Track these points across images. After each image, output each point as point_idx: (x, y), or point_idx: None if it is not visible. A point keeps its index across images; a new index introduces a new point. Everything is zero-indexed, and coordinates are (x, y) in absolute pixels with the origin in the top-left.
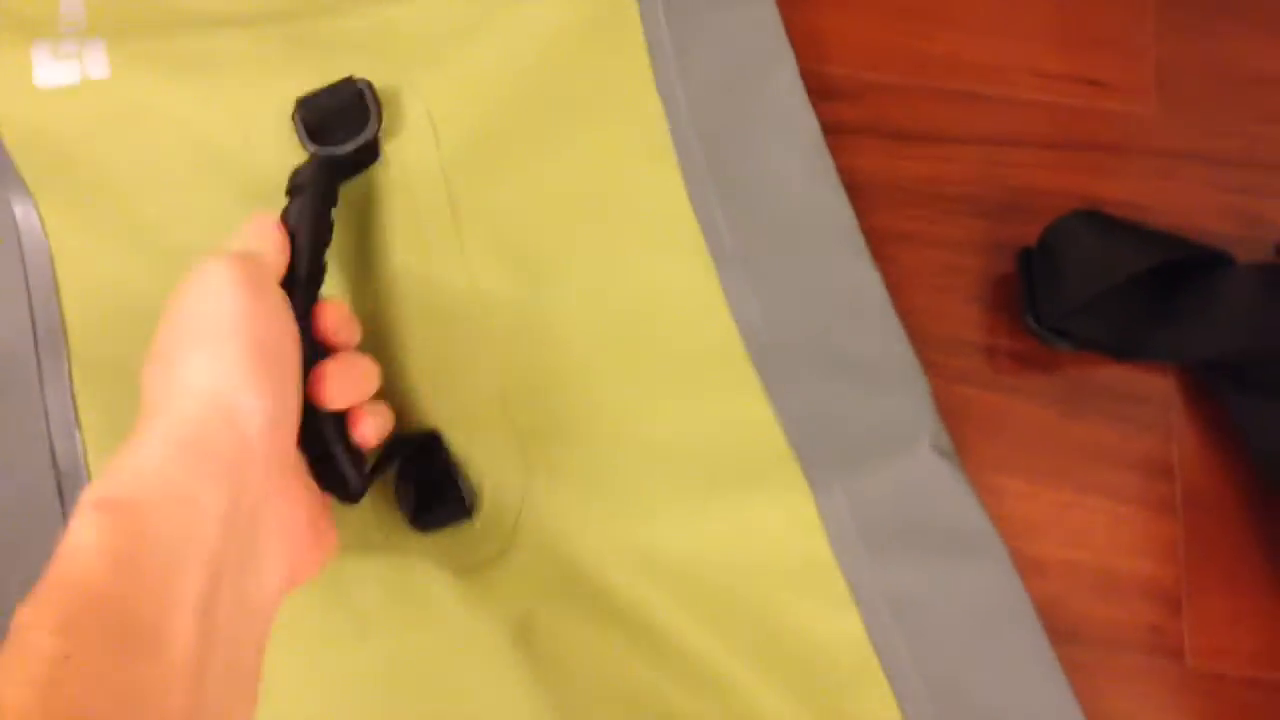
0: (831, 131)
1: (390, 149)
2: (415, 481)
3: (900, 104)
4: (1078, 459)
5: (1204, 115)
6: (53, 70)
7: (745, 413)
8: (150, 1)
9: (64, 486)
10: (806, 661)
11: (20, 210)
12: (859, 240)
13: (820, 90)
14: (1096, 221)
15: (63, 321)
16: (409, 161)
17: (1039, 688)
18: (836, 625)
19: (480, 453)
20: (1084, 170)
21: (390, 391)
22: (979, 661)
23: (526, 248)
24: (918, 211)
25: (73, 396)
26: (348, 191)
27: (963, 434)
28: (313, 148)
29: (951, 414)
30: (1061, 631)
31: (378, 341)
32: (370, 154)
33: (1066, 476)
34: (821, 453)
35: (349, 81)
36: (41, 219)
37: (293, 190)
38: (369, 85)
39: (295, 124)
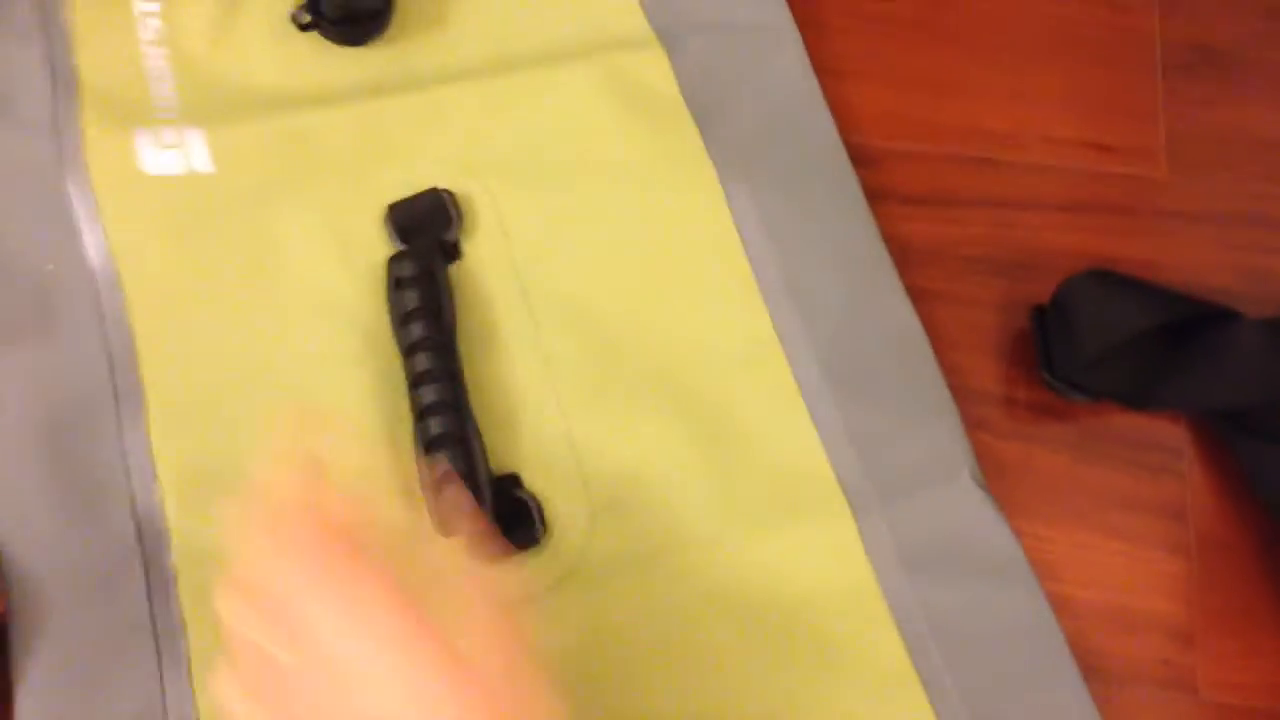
0: None
1: (467, 247)
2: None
3: (916, 170)
4: (1093, 503)
5: (1212, 177)
6: (158, 159)
7: (796, 444)
8: (234, 83)
9: (144, 532)
10: (852, 679)
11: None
12: (897, 279)
13: None
14: (1107, 280)
15: (140, 376)
16: (484, 257)
17: (1070, 707)
18: (878, 642)
19: (551, 491)
20: (1095, 231)
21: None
22: (1014, 678)
23: (596, 322)
24: (935, 271)
25: (150, 452)
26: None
27: (984, 477)
28: (403, 247)
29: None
30: (1079, 666)
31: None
32: (454, 253)
33: (1082, 520)
34: (865, 482)
35: (434, 191)
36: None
37: (401, 279)
38: (449, 193)
39: (387, 226)
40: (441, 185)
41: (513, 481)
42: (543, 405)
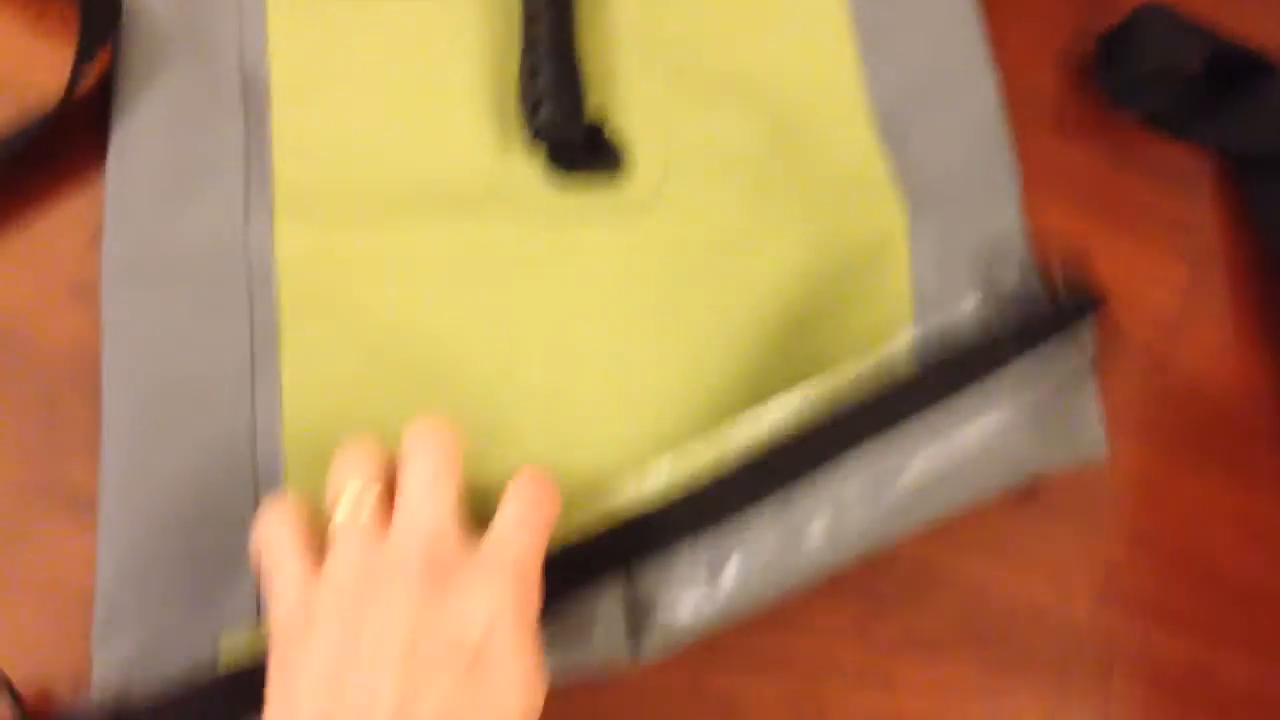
0: None
1: None
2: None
3: None
4: (1116, 204)
5: None
6: None
7: (860, 155)
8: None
9: (248, 87)
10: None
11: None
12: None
13: None
14: (1174, 14)
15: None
16: None
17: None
18: None
19: (632, 134)
20: None
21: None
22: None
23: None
24: None
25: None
26: None
27: (1024, 162)
28: None
29: (1017, 145)
30: None
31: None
32: None
33: (1102, 214)
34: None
35: None
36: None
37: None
38: None
39: None
40: None
41: (600, 120)
42: (634, 64)
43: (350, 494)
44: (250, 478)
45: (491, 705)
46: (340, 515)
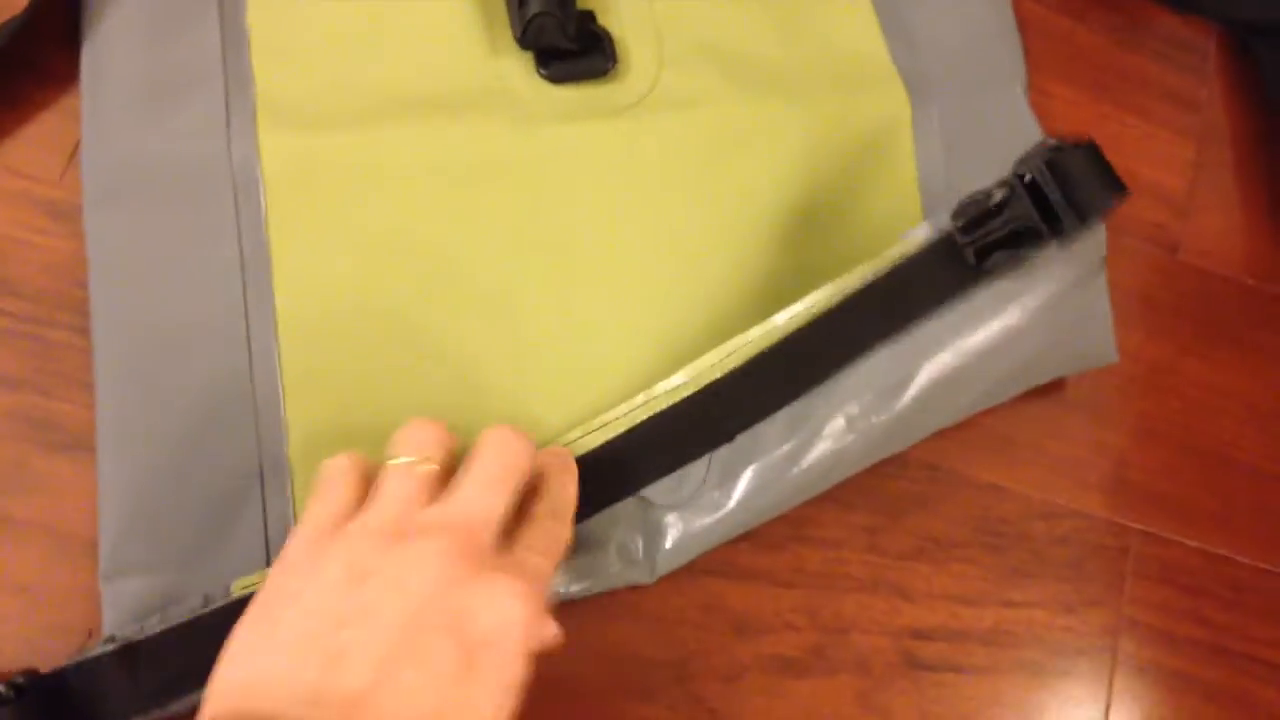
0: None
1: None
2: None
3: None
4: (1122, 82)
5: None
6: None
7: (861, 34)
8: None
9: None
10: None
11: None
12: None
13: None
14: None
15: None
16: None
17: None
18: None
19: (623, 33)
20: None
21: None
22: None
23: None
24: None
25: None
26: None
27: (1030, 43)
28: None
29: (1023, 26)
30: None
31: None
32: None
33: (1108, 93)
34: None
35: None
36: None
37: None
38: None
39: None
40: None
41: (589, 17)
42: None
43: (410, 456)
44: (250, 415)
45: (470, 706)
46: (394, 465)
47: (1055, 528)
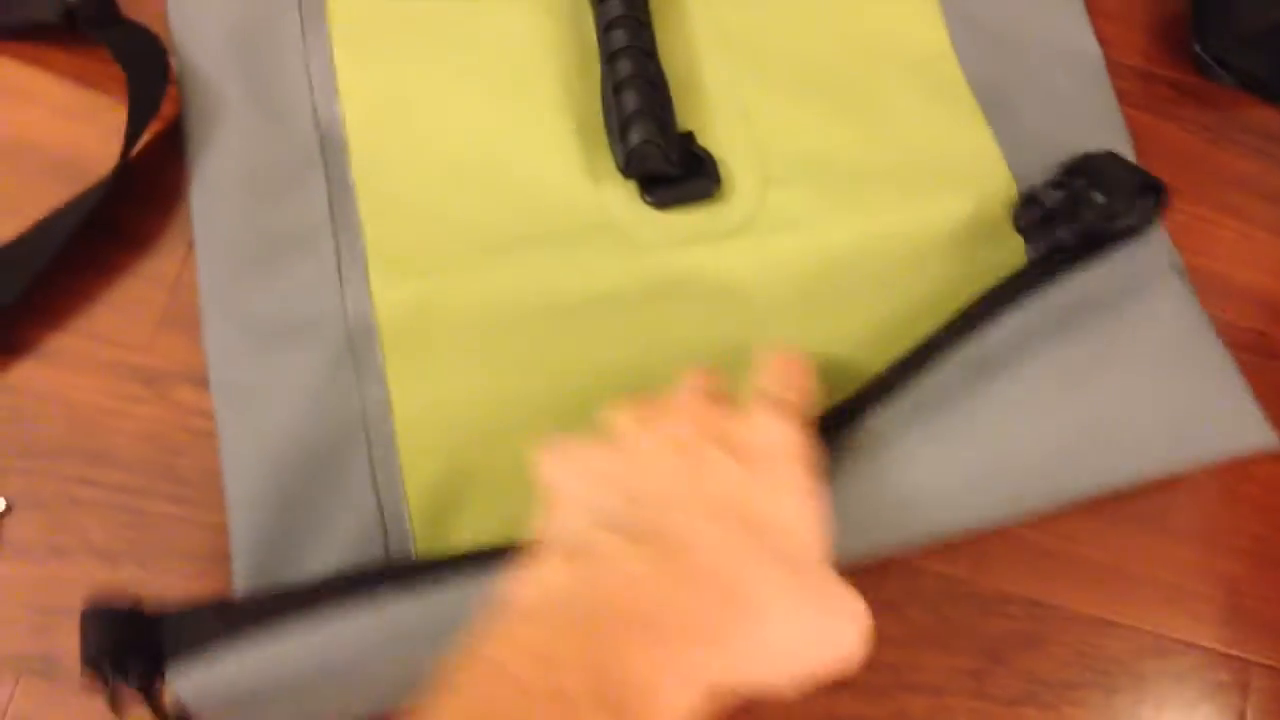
0: None
1: None
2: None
3: None
4: (1217, 183)
5: None
6: None
7: (963, 131)
8: None
9: (325, 145)
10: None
11: None
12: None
13: None
14: None
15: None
16: None
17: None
18: None
19: (725, 154)
20: None
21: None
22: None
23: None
24: None
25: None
26: None
27: None
28: None
29: None
30: None
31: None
32: None
33: (1204, 196)
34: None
35: None
36: None
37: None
38: None
39: None
40: None
41: (689, 139)
42: (718, 74)
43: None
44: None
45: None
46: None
47: (1170, 665)
